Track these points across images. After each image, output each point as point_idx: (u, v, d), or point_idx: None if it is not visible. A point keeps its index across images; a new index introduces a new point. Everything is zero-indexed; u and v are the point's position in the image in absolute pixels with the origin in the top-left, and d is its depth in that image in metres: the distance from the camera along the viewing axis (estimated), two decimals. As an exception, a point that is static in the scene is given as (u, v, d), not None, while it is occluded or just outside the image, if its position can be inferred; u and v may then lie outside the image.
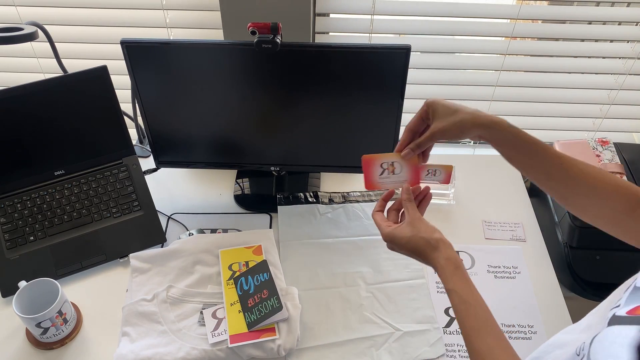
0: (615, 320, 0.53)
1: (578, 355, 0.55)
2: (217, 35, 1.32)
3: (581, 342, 0.56)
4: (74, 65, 1.22)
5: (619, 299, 0.57)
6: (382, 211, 0.84)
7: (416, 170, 0.84)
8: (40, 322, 0.94)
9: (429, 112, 0.78)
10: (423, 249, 0.75)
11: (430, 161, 1.10)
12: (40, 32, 1.14)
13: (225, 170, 1.36)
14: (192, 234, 1.17)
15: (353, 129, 1.15)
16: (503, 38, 1.35)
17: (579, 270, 1.23)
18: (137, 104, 1.16)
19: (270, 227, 1.23)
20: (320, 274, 1.12)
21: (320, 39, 1.34)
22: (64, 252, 1.12)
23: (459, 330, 1.02)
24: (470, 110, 0.76)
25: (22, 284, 0.98)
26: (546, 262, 1.17)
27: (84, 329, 1.03)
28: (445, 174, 0.87)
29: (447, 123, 0.76)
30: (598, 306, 0.65)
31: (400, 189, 0.83)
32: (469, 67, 1.44)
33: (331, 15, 1.33)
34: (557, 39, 1.38)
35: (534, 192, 1.43)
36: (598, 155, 1.27)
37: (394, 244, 0.78)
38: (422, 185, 0.83)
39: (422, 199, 0.83)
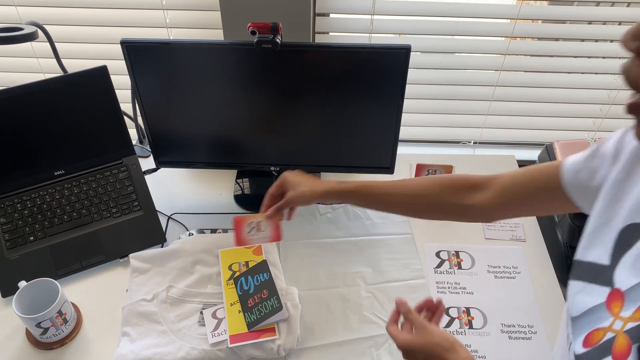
0: None
1: None
2: (217, 35, 1.32)
3: None
4: (74, 65, 1.22)
5: (568, 333, 0.57)
6: (396, 323, 0.82)
7: (277, 228, 1.00)
8: (40, 322, 0.94)
9: (283, 184, 0.97)
10: (439, 353, 0.73)
11: (431, 161, 1.13)
12: (40, 32, 1.14)
13: (225, 170, 1.36)
14: (192, 234, 1.17)
15: (353, 129, 1.15)
16: (503, 38, 1.35)
17: (579, 270, 1.23)
18: (137, 104, 1.16)
19: (270, 227, 1.23)
20: (320, 274, 1.12)
21: (320, 39, 1.34)
22: (64, 252, 1.12)
23: (459, 330, 1.03)
24: (311, 182, 0.95)
25: (22, 284, 0.98)
26: (546, 262, 1.17)
27: (84, 329, 1.03)
28: (446, 173, 0.89)
29: (295, 193, 0.94)
30: (556, 345, 0.65)
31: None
32: (469, 67, 1.44)
33: (331, 15, 1.33)
34: (557, 39, 1.38)
35: (534, 192, 1.43)
36: (598, 155, 1.27)
37: (409, 353, 0.77)
38: (435, 299, 0.82)
39: (435, 310, 0.82)
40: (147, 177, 1.26)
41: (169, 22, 1.32)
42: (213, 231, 1.20)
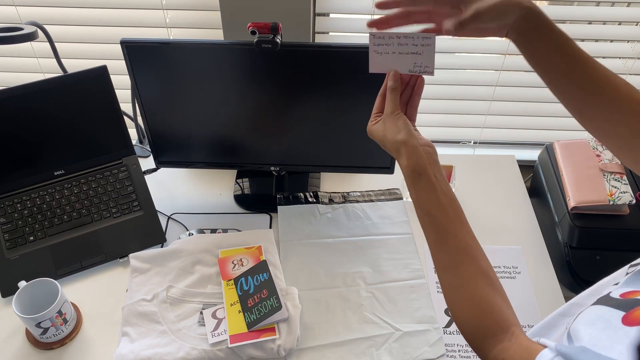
0: (604, 300, 0.52)
1: (566, 329, 0.55)
2: (217, 35, 1.32)
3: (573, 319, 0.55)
4: (74, 65, 1.22)
5: (621, 277, 0.56)
6: (383, 97, 0.76)
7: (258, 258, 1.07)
8: (40, 322, 0.94)
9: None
10: (391, 151, 0.70)
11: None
12: (40, 32, 1.14)
13: (225, 170, 1.36)
14: (192, 234, 1.17)
15: (353, 129, 1.15)
16: (503, 38, 1.35)
17: (579, 270, 1.23)
18: (137, 104, 1.16)
19: (270, 227, 1.23)
20: (320, 274, 1.12)
21: (320, 39, 1.34)
22: (64, 252, 1.12)
23: (459, 330, 1.03)
24: None
25: (22, 284, 0.98)
26: (546, 262, 1.16)
27: (83, 329, 1.03)
28: (445, 174, 0.87)
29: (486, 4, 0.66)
30: (606, 278, 0.63)
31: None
32: (469, 67, 1.44)
33: (331, 15, 1.33)
34: (557, 39, 1.38)
35: (534, 192, 1.43)
36: (598, 155, 1.27)
37: (374, 139, 0.75)
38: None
39: (413, 88, 0.76)
40: (147, 177, 1.26)
41: (169, 22, 1.32)
42: (213, 231, 1.20)
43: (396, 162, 0.75)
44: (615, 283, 0.55)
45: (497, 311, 0.61)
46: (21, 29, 1.10)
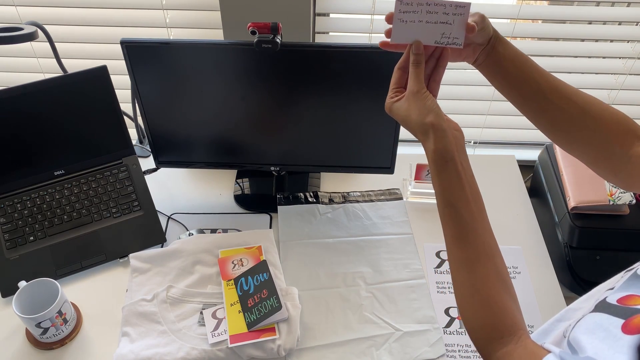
0: (602, 307, 0.52)
1: (565, 337, 0.55)
2: (217, 35, 1.32)
3: (569, 324, 0.55)
4: (74, 65, 1.22)
5: (617, 281, 0.56)
6: (404, 70, 0.70)
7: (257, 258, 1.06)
8: (40, 322, 0.94)
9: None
10: (416, 133, 0.66)
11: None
12: (40, 32, 1.14)
13: (225, 170, 1.36)
14: (192, 234, 1.17)
15: (353, 129, 1.15)
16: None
17: (579, 270, 1.23)
18: (137, 104, 1.16)
19: (270, 227, 1.23)
20: (320, 274, 1.12)
21: (320, 39, 1.34)
22: (64, 252, 1.12)
23: (459, 330, 1.03)
24: None
25: (22, 284, 0.98)
26: (546, 262, 1.16)
27: (83, 329, 1.03)
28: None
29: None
30: (604, 283, 0.63)
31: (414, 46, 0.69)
32: (469, 67, 1.43)
33: (331, 15, 1.33)
34: (557, 39, 1.38)
35: (534, 192, 1.43)
36: (598, 155, 1.27)
37: (393, 117, 0.70)
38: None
39: (437, 60, 0.72)
40: (147, 177, 1.26)
41: (169, 22, 1.32)
42: (213, 231, 1.20)
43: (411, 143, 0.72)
44: (611, 288, 0.55)
45: (509, 314, 0.59)
46: (21, 29, 1.10)
